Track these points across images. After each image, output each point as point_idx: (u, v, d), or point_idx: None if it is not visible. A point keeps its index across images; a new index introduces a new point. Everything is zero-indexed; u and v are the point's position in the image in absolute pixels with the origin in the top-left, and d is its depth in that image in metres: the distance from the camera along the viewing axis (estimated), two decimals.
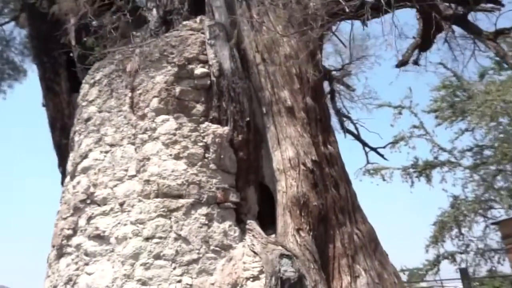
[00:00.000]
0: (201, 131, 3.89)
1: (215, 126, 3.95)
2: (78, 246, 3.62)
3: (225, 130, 3.96)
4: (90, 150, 4.06)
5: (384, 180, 14.09)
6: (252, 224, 3.85)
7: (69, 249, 3.68)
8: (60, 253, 3.74)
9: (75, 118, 4.58)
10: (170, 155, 3.73)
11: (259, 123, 4.42)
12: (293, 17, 4.84)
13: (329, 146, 4.54)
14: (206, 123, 3.95)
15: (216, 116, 4.09)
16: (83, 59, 4.65)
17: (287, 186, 4.07)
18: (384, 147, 8.72)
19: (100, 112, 4.22)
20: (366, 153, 9.13)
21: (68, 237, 3.71)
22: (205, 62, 4.23)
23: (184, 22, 4.73)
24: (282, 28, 4.86)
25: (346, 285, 3.89)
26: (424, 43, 5.27)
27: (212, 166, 3.80)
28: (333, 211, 4.22)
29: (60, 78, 5.49)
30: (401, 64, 5.74)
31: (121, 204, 3.63)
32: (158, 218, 3.48)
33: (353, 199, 4.52)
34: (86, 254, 3.56)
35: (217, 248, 3.51)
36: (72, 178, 4.05)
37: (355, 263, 4.09)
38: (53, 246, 3.89)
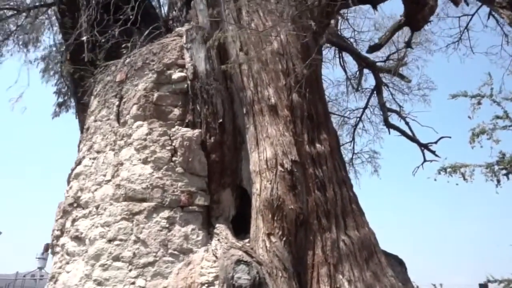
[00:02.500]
0: (171, 135, 3.93)
1: (185, 129, 3.95)
2: (63, 246, 3.95)
3: (194, 133, 3.94)
4: (84, 157, 4.39)
5: (465, 179, 12.50)
6: (220, 227, 3.75)
7: (57, 249, 4.03)
8: (52, 252, 4.12)
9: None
10: (140, 159, 3.85)
11: (242, 124, 4.30)
12: (286, 9, 4.62)
13: (317, 145, 4.19)
14: (176, 126, 3.98)
15: (191, 119, 4.10)
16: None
17: (261, 189, 3.88)
18: (436, 143, 7.66)
19: (95, 121, 4.55)
20: (422, 151, 8.16)
21: (57, 238, 4.06)
22: (183, 67, 4.28)
23: (177, 29, 4.85)
24: (272, 24, 4.66)
25: None
26: (411, 21, 4.51)
27: (178, 169, 3.81)
28: (315, 216, 3.88)
29: (87, 92, 6.03)
30: (373, 48, 5.01)
31: (97, 207, 3.85)
32: (121, 221, 3.61)
33: (346, 202, 4.10)
34: (68, 254, 3.85)
35: (175, 252, 3.51)
36: (68, 183, 4.44)
37: (338, 272, 3.69)
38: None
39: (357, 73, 9.72)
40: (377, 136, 9.65)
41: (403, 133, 7.75)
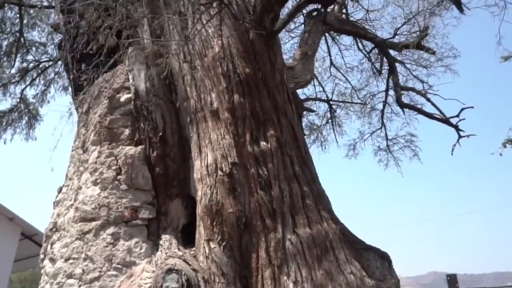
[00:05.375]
0: (116, 155, 4.14)
1: (128, 148, 4.14)
2: (44, 268, 4.37)
3: (137, 149, 4.10)
4: (64, 185, 4.83)
5: None
6: (165, 238, 3.83)
7: (42, 271, 4.46)
8: (40, 274, 4.57)
9: None
10: (92, 182, 4.12)
11: (189, 134, 4.35)
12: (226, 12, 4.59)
13: (262, 143, 4.05)
14: (121, 146, 4.18)
15: (138, 138, 4.28)
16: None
17: (201, 195, 3.88)
18: (458, 116, 6.74)
19: (71, 151, 4.98)
20: (456, 127, 7.28)
21: (42, 261, 4.50)
22: (129, 88, 4.49)
23: None
24: (214, 28, 4.66)
25: None
26: None
27: (123, 186, 3.99)
28: (258, 216, 3.75)
29: None
30: (271, 35, 4.50)
31: (64, 230, 4.21)
32: (76, 241, 3.89)
33: (296, 198, 3.87)
34: (46, 275, 4.25)
35: (119, 266, 3.67)
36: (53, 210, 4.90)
37: (282, 274, 3.51)
38: None
39: (378, 55, 9.13)
40: (409, 118, 8.88)
41: (419, 111, 7.03)
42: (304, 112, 8.25)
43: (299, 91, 8.73)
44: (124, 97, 4.46)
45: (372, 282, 3.75)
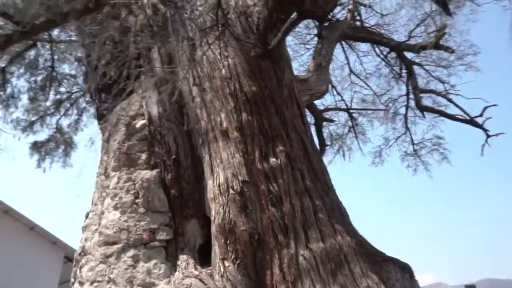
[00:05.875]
0: (133, 179, 4.33)
1: (144, 172, 4.32)
2: None
3: (152, 173, 4.27)
4: (90, 211, 5.08)
5: None
6: (182, 258, 3.94)
7: None
8: None
9: None
10: (113, 206, 4.32)
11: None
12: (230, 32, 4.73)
13: (271, 159, 4.10)
14: (138, 171, 4.36)
15: (154, 161, 4.45)
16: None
17: (215, 215, 3.96)
18: (481, 115, 6.44)
19: (96, 178, 5.24)
20: (481, 126, 7.00)
21: (72, 284, 4.73)
22: (143, 114, 4.70)
23: None
24: (220, 50, 4.79)
25: None
26: (302, 12, 3.96)
27: (141, 210, 4.16)
28: (270, 233, 3.78)
29: None
30: (267, 53, 4.45)
31: (90, 254, 4.42)
32: (100, 265, 4.08)
33: (308, 213, 3.88)
34: None
35: (139, 287, 3.81)
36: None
37: None
38: None
39: (396, 59, 8.99)
40: (434, 121, 8.60)
41: (440, 113, 6.82)
42: (324, 123, 8.22)
43: (318, 102, 8.73)
44: (139, 123, 4.66)
45: None
